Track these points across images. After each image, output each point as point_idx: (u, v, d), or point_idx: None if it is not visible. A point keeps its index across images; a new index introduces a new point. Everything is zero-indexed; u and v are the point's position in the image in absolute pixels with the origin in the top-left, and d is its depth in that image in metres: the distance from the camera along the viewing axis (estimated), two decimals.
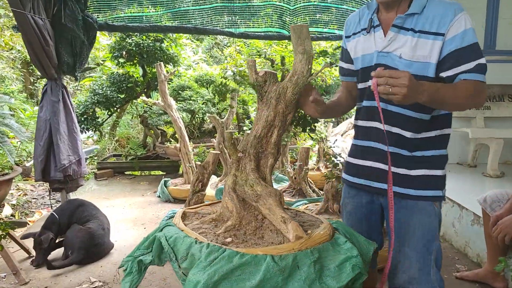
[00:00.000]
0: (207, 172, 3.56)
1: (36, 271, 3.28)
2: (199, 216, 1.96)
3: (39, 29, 3.68)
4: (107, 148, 7.87)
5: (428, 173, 1.80)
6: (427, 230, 1.79)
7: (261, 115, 1.81)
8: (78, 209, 3.68)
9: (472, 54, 1.63)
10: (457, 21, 1.62)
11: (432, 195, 1.80)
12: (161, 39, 6.30)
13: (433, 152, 1.80)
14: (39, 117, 4.04)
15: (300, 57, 1.69)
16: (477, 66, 1.63)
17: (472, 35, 1.62)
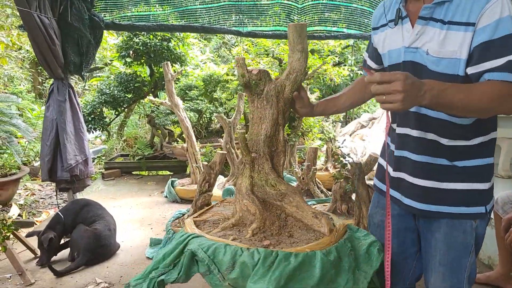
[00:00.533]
0: (214, 172, 3.52)
1: (41, 271, 3.26)
2: (211, 223, 1.89)
3: (45, 28, 3.66)
4: (114, 148, 7.87)
5: (470, 187, 1.53)
6: (461, 247, 1.56)
7: (265, 114, 1.80)
8: (84, 209, 3.65)
9: (503, 48, 1.34)
10: (491, 8, 1.34)
11: (473, 212, 1.54)
12: (169, 38, 6.27)
13: (477, 162, 1.54)
14: (46, 117, 4.03)
15: (298, 55, 1.72)
16: (508, 63, 1.33)
17: (508, 25, 1.33)
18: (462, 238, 1.55)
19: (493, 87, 1.34)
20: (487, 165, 1.55)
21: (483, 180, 1.54)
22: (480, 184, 1.53)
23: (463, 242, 1.55)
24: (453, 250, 1.57)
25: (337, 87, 8.84)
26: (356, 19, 5.21)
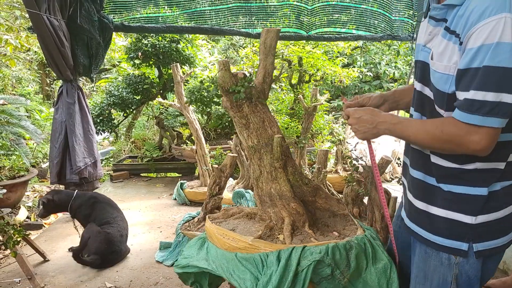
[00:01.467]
0: (225, 175, 3.48)
1: (51, 275, 3.24)
2: (265, 236, 1.82)
3: (54, 30, 3.65)
4: (122, 150, 7.86)
5: (451, 216, 1.35)
6: (438, 281, 1.40)
7: (269, 117, 1.84)
8: (98, 205, 3.62)
9: (471, 81, 1.14)
10: (480, 29, 1.09)
11: (448, 245, 1.36)
12: (177, 40, 6.25)
13: (464, 189, 1.33)
14: (55, 119, 4.01)
15: (271, 59, 1.83)
16: (465, 101, 1.16)
17: (486, 55, 1.09)
18: (439, 272, 1.39)
19: (443, 124, 1.24)
20: (478, 196, 1.31)
21: (469, 213, 1.32)
22: (464, 216, 1.32)
23: (441, 276, 1.39)
24: (429, 282, 1.43)
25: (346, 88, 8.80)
26: (366, 20, 5.16)
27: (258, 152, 1.75)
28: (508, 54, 1.06)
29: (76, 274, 3.27)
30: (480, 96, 1.12)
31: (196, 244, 1.70)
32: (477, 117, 1.14)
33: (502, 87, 1.10)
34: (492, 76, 1.09)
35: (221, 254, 1.61)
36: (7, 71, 8.65)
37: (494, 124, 1.14)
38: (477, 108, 1.13)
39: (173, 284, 3.08)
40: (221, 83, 1.72)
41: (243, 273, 1.53)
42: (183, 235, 3.46)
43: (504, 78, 1.09)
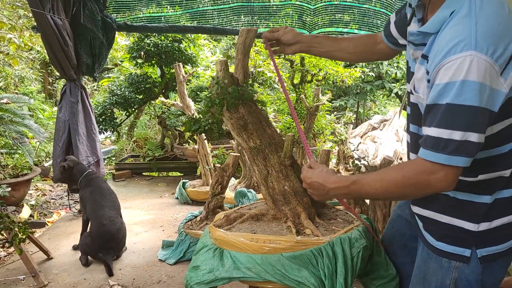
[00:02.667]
0: (227, 174, 3.50)
1: (55, 273, 3.26)
2: None
3: (58, 30, 3.67)
4: (125, 149, 7.88)
5: (453, 222, 1.34)
6: (436, 284, 1.40)
7: (262, 117, 1.83)
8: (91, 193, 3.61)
9: (436, 118, 1.12)
10: (447, 66, 1.08)
11: (449, 251, 1.35)
12: (180, 39, 6.27)
13: (467, 196, 1.32)
14: (58, 118, 4.03)
15: (248, 59, 1.86)
16: (430, 139, 1.15)
17: (458, 92, 1.06)
18: (438, 274, 1.38)
19: (405, 166, 1.26)
20: (482, 204, 1.29)
21: (473, 220, 1.30)
22: (468, 223, 1.31)
23: (439, 279, 1.38)
24: (427, 284, 1.42)
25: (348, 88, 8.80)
26: (368, 20, 5.16)
27: (262, 152, 1.76)
28: (473, 93, 1.05)
29: (80, 272, 3.29)
30: (445, 134, 1.10)
31: (214, 256, 1.64)
32: (443, 156, 1.12)
33: (467, 126, 1.08)
34: (458, 114, 1.07)
35: (260, 259, 1.56)
36: (10, 70, 8.67)
37: (459, 163, 1.12)
38: (442, 146, 1.11)
39: (175, 282, 3.09)
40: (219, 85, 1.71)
41: (298, 271, 1.52)
42: (186, 234, 3.48)
43: (470, 117, 1.07)
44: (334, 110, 9.05)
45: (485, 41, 1.03)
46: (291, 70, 5.91)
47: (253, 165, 1.79)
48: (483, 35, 1.03)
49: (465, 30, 1.06)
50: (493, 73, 1.04)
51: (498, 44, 1.04)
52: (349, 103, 9.34)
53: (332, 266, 1.54)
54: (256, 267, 1.55)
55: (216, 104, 1.61)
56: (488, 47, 1.03)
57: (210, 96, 1.63)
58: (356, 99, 9.56)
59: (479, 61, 1.03)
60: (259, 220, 1.84)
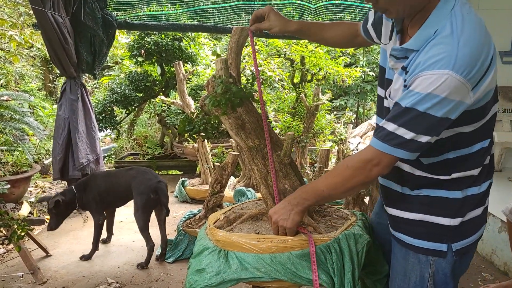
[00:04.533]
0: (226, 173, 3.50)
1: (54, 270, 3.26)
2: None
3: (58, 27, 3.67)
4: (124, 147, 7.88)
5: (428, 219, 1.41)
6: (416, 279, 1.46)
7: (259, 116, 1.82)
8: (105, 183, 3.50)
9: (397, 116, 1.23)
10: (424, 77, 1.16)
11: (429, 247, 1.42)
12: (180, 38, 6.27)
13: (441, 193, 1.40)
14: (58, 115, 4.04)
15: (240, 57, 1.85)
16: (383, 131, 1.26)
17: (424, 101, 1.16)
18: (417, 269, 1.45)
19: (346, 161, 1.36)
20: (455, 199, 1.38)
21: (448, 215, 1.38)
22: (443, 218, 1.38)
23: (418, 274, 1.45)
24: (408, 279, 1.48)
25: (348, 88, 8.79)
26: None
27: (261, 151, 1.75)
28: (440, 106, 1.16)
29: (78, 269, 3.29)
30: (401, 131, 1.22)
31: (220, 258, 1.62)
32: (388, 147, 1.25)
33: (424, 130, 1.20)
34: (420, 120, 1.19)
35: (269, 259, 1.55)
36: (10, 68, 8.67)
37: (400, 155, 1.25)
38: (391, 139, 1.24)
39: (174, 280, 3.10)
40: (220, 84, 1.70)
41: (309, 269, 1.52)
42: (184, 232, 3.49)
43: (429, 124, 1.19)
44: (334, 109, 9.04)
45: (463, 62, 1.12)
46: (291, 69, 5.91)
47: (252, 164, 1.78)
48: (462, 57, 1.12)
49: (447, 49, 1.15)
50: (463, 90, 1.15)
51: (474, 64, 1.14)
52: (349, 103, 9.33)
53: (340, 262, 1.55)
54: (265, 267, 1.54)
55: (222, 104, 1.60)
56: (464, 69, 1.12)
57: (215, 96, 1.62)
58: (356, 98, 9.55)
59: (453, 80, 1.12)
60: (259, 219, 1.83)
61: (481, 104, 1.26)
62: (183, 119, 1.82)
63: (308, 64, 5.85)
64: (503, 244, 3.23)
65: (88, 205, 3.46)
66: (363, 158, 1.31)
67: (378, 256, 1.75)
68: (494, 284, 2.99)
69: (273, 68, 5.99)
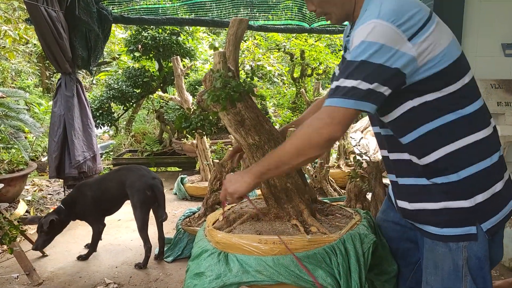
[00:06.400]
0: (226, 170, 3.43)
1: (50, 271, 3.19)
2: None
3: (52, 22, 3.59)
4: (122, 144, 7.80)
5: (450, 205, 1.36)
6: (449, 269, 1.39)
7: (261, 112, 1.77)
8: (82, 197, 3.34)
9: (343, 72, 1.26)
10: (355, 34, 1.25)
11: (458, 233, 1.36)
12: (178, 32, 6.17)
13: (455, 176, 1.35)
14: (53, 112, 3.96)
15: (239, 50, 1.80)
16: (336, 88, 1.26)
17: (357, 50, 1.22)
18: (449, 258, 1.38)
19: (298, 130, 1.32)
20: (465, 178, 1.33)
21: (467, 196, 1.33)
22: (463, 201, 1.33)
23: (451, 262, 1.38)
24: (440, 271, 1.41)
25: None
26: None
27: (261, 149, 1.68)
28: (374, 53, 1.19)
29: (75, 269, 3.22)
30: (346, 83, 1.23)
31: (219, 261, 1.54)
32: (336, 99, 1.24)
33: (365, 77, 1.20)
34: (359, 67, 1.21)
35: (272, 261, 1.49)
36: (6, 64, 8.58)
37: (348, 105, 1.22)
38: (339, 91, 1.24)
39: (173, 280, 3.03)
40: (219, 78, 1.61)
41: (314, 271, 1.46)
42: (184, 230, 3.42)
43: (366, 69, 1.20)
44: None
45: (388, 11, 1.20)
46: (291, 64, 5.82)
47: (252, 163, 1.70)
48: (386, 8, 1.21)
49: (373, 11, 1.23)
50: (397, 38, 1.19)
51: (401, 14, 1.19)
52: None
53: (345, 263, 1.49)
54: (267, 269, 1.48)
55: (221, 99, 1.52)
56: (390, 16, 1.19)
57: (214, 91, 1.54)
58: None
59: (381, 26, 1.19)
60: (260, 220, 1.76)
61: (440, 67, 1.26)
62: (180, 116, 1.74)
63: (308, 58, 5.76)
64: (508, 240, 3.17)
65: (84, 217, 3.36)
66: (316, 118, 1.28)
67: (386, 255, 1.68)
68: (499, 280, 2.93)
69: (272, 63, 5.90)
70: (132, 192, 3.22)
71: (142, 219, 3.23)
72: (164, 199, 3.36)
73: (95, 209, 3.32)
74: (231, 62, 1.73)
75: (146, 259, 3.25)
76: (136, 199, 3.20)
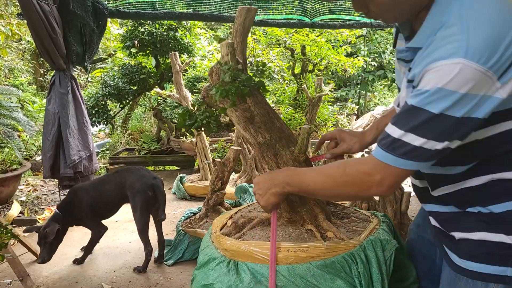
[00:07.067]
0: (228, 169, 3.31)
1: (45, 276, 3.06)
2: None
3: (45, 16, 3.44)
4: (119, 142, 7.66)
5: (487, 237, 1.13)
6: None
7: (272, 108, 1.66)
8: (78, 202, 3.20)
9: (403, 119, 1.02)
10: (431, 71, 0.96)
11: (489, 272, 1.13)
12: (175, 27, 6.02)
13: (502, 207, 1.11)
14: (47, 110, 3.81)
15: (246, 41, 1.70)
16: (383, 136, 1.07)
17: (439, 98, 0.94)
18: None
19: (345, 165, 1.16)
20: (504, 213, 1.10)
21: (505, 231, 1.10)
22: (506, 236, 1.10)
23: None
24: None
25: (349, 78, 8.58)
26: None
27: (272, 148, 1.54)
28: (453, 105, 0.94)
29: (72, 274, 3.09)
30: (408, 138, 1.01)
31: (229, 270, 1.40)
32: (392, 157, 1.04)
33: (437, 135, 0.98)
34: (429, 121, 0.97)
35: (286, 270, 1.36)
36: None
37: (408, 167, 1.04)
38: (398, 147, 1.03)
39: (174, 285, 2.90)
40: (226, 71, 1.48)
41: (332, 281, 1.33)
42: (184, 232, 3.29)
43: (438, 126, 0.97)
44: (337, 100, 8.84)
45: (478, 47, 0.90)
46: (291, 60, 5.68)
47: (263, 162, 1.57)
48: (475, 41, 0.91)
49: (456, 37, 0.93)
50: (485, 81, 0.92)
51: (493, 48, 0.91)
52: (350, 94, 9.11)
53: (367, 272, 1.37)
54: (282, 280, 1.35)
55: (231, 94, 1.38)
56: (481, 55, 0.90)
57: (223, 85, 1.40)
58: (357, 89, 9.34)
59: (468, 70, 0.90)
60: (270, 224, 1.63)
61: None
62: (183, 113, 1.60)
63: (309, 53, 5.62)
64: None
65: (82, 222, 3.24)
66: (363, 170, 1.11)
67: (404, 260, 1.56)
68: None
69: (272, 59, 5.76)
70: (133, 194, 3.08)
71: (143, 221, 3.10)
72: (165, 199, 3.23)
73: (93, 213, 3.18)
74: (238, 54, 1.60)
75: (146, 262, 3.12)
76: (137, 201, 3.07)
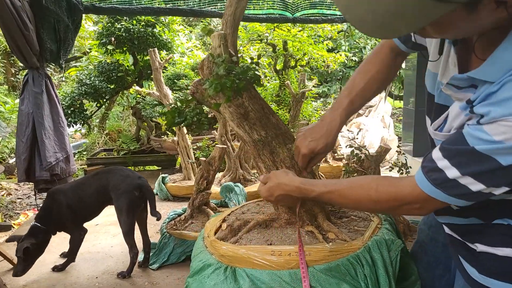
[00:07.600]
0: (213, 168, 3.20)
1: (22, 285, 2.90)
2: None
3: (16, 12, 3.28)
4: (96, 143, 7.44)
5: (490, 250, 1.06)
6: None
7: (266, 103, 1.60)
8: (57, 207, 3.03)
9: (453, 151, 0.93)
10: (506, 123, 0.82)
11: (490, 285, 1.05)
12: (153, 24, 5.85)
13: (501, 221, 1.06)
14: (21, 110, 3.63)
15: (237, 33, 1.63)
16: (432, 167, 0.96)
17: (501, 150, 0.83)
18: None
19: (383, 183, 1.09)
20: None
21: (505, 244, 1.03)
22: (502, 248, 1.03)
23: None
24: None
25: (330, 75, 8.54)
26: None
27: (268, 145, 1.45)
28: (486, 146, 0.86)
29: (51, 282, 2.94)
30: (466, 181, 0.91)
31: (227, 278, 1.30)
32: (443, 194, 0.96)
33: (501, 182, 0.89)
34: (495, 171, 0.87)
35: (288, 276, 1.27)
36: None
37: (456, 203, 0.98)
38: (451, 187, 0.94)
39: None
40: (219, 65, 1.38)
41: (337, 286, 1.25)
42: (169, 234, 3.17)
43: (504, 176, 0.87)
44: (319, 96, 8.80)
45: None
46: (273, 55, 5.59)
47: (259, 161, 1.47)
48: None
49: None
50: None
51: None
52: (332, 89, 9.10)
53: (373, 275, 1.29)
54: (283, 286, 1.27)
55: (227, 88, 1.28)
56: None
57: (217, 78, 1.29)
58: (339, 84, 9.33)
59: None
60: (268, 226, 1.54)
61: None
62: (172, 110, 1.49)
63: (291, 49, 5.54)
64: None
65: (63, 227, 3.08)
66: (401, 199, 1.04)
67: (407, 259, 1.50)
68: None
69: (252, 55, 5.67)
70: (118, 195, 2.94)
71: (129, 223, 2.96)
72: (154, 197, 3.11)
73: (73, 216, 3.02)
74: (230, 46, 1.50)
75: (131, 266, 2.99)
76: (122, 202, 2.93)
